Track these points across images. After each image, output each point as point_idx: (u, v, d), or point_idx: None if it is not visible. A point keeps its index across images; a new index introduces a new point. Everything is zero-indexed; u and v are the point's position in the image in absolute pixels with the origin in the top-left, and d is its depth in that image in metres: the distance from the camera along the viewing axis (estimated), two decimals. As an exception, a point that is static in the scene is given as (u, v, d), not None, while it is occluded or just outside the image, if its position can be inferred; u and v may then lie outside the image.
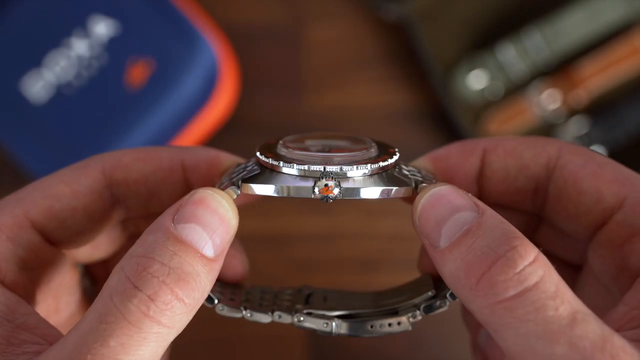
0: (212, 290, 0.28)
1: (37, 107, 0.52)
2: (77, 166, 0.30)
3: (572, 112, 0.54)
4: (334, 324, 0.30)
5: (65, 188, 0.29)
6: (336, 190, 0.26)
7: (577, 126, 0.54)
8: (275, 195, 0.27)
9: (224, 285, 0.32)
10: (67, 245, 0.30)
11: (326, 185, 0.26)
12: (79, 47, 0.52)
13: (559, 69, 0.55)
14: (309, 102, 0.56)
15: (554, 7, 0.54)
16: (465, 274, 0.24)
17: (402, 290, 0.32)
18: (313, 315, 0.30)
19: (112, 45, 0.52)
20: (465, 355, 0.51)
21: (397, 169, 0.28)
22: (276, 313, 0.30)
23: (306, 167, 0.26)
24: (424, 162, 0.31)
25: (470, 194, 0.26)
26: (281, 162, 0.26)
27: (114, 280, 0.24)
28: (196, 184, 0.30)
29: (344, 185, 0.26)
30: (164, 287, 0.23)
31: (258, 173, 0.27)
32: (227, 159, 0.31)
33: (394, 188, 0.27)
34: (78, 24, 0.52)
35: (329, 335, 0.30)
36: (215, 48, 0.52)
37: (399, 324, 0.30)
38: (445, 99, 0.54)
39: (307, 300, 0.32)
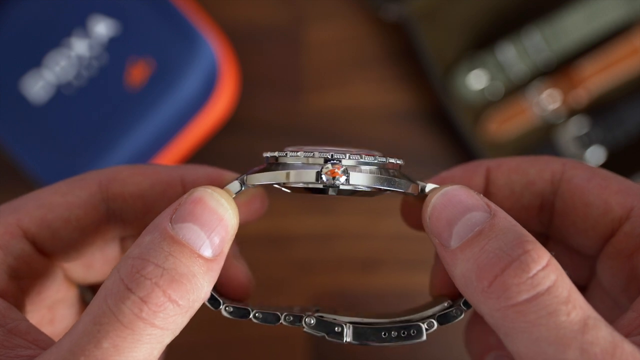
0: (213, 290, 0.27)
1: (37, 107, 0.52)
2: (74, 179, 0.30)
3: (572, 112, 0.54)
4: (345, 329, 0.29)
5: (59, 198, 0.29)
6: (342, 179, 0.26)
7: (577, 126, 0.54)
8: (280, 182, 0.26)
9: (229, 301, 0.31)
10: (59, 257, 0.30)
11: (333, 169, 0.26)
12: (79, 47, 0.52)
13: (559, 69, 0.55)
14: (309, 102, 0.56)
15: (554, 7, 0.54)
16: (477, 276, 0.24)
17: (417, 308, 0.31)
18: (324, 319, 0.29)
19: (112, 45, 0.52)
20: (465, 356, 0.51)
21: (400, 166, 0.28)
22: (286, 314, 0.28)
23: (312, 153, 0.26)
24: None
25: (482, 195, 0.26)
26: (287, 153, 0.26)
27: (109, 282, 0.24)
28: None
29: (350, 172, 0.26)
30: (156, 289, 0.23)
31: (264, 167, 0.27)
32: (230, 175, 0.30)
33: (402, 180, 0.27)
34: (78, 24, 0.52)
35: (339, 341, 0.29)
36: (215, 48, 0.52)
37: (413, 333, 0.28)
38: (445, 99, 0.54)
39: (317, 310, 0.31)
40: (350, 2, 0.57)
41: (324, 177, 0.26)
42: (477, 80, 0.54)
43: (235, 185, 0.27)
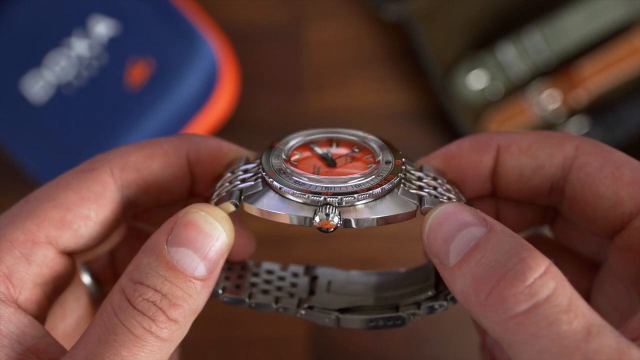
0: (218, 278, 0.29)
1: (37, 107, 0.52)
2: (82, 170, 0.29)
3: (572, 112, 0.54)
4: (334, 317, 0.30)
5: (74, 195, 0.28)
6: (335, 219, 0.26)
7: (577, 126, 0.54)
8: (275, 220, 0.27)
9: (231, 268, 0.32)
10: (80, 253, 0.30)
11: (327, 215, 0.26)
12: (79, 47, 0.52)
13: (559, 69, 0.55)
14: (309, 102, 0.56)
15: (554, 7, 0.54)
16: (474, 290, 0.24)
17: (405, 281, 0.32)
18: (315, 309, 0.30)
19: (112, 45, 0.52)
20: (465, 355, 0.51)
21: (402, 185, 0.28)
22: (280, 305, 0.31)
23: (307, 196, 0.26)
24: (434, 161, 0.31)
25: (478, 210, 0.26)
26: (283, 188, 0.27)
27: (116, 299, 0.25)
28: (201, 177, 0.30)
29: (345, 216, 0.26)
30: (159, 311, 0.25)
31: (260, 191, 0.27)
32: (230, 150, 0.30)
33: (396, 215, 0.27)
34: (78, 24, 0.52)
35: (330, 327, 0.31)
36: (215, 48, 0.52)
37: (398, 321, 0.30)
38: (445, 99, 0.54)
39: (311, 287, 0.32)
40: (350, 2, 0.57)
41: (317, 221, 0.26)
42: (477, 80, 0.54)
43: (231, 206, 0.27)
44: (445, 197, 0.28)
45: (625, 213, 0.27)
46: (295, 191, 0.26)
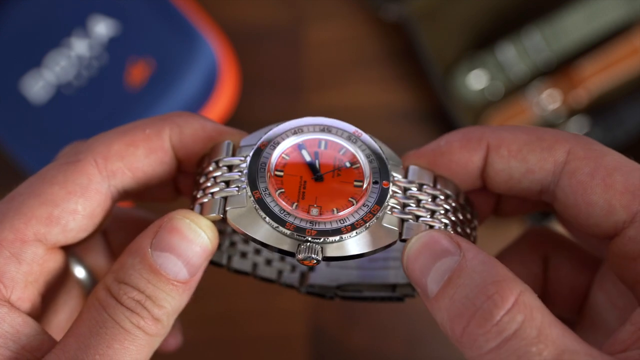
0: (220, 247, 0.30)
1: (37, 107, 0.52)
2: (66, 162, 0.29)
3: (572, 112, 0.54)
4: (334, 294, 0.32)
5: (60, 191, 0.28)
6: (317, 256, 0.26)
7: (577, 126, 0.54)
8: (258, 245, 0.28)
9: (235, 236, 0.33)
10: (70, 245, 0.29)
11: (309, 256, 0.26)
12: (79, 47, 0.52)
13: (559, 69, 0.55)
14: (309, 101, 0.56)
15: (554, 7, 0.54)
16: (450, 326, 0.25)
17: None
18: (316, 287, 0.32)
19: (112, 45, 0.52)
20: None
21: (385, 210, 0.28)
22: (283, 281, 0.33)
23: (291, 232, 0.27)
24: (423, 159, 0.30)
25: (453, 234, 0.26)
26: (267, 218, 0.27)
27: (102, 295, 0.27)
28: (186, 158, 0.30)
29: (327, 253, 0.27)
30: (144, 310, 0.26)
31: (244, 210, 0.27)
32: (213, 130, 0.30)
33: (377, 248, 0.27)
34: (78, 24, 0.52)
35: (330, 299, 0.33)
36: (215, 48, 0.52)
37: (393, 298, 0.32)
38: (445, 99, 0.54)
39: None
40: (350, 2, 0.57)
41: (300, 258, 0.27)
42: (477, 80, 0.54)
43: (215, 217, 0.28)
44: (428, 214, 0.28)
45: (619, 221, 0.27)
46: (279, 225, 0.27)
